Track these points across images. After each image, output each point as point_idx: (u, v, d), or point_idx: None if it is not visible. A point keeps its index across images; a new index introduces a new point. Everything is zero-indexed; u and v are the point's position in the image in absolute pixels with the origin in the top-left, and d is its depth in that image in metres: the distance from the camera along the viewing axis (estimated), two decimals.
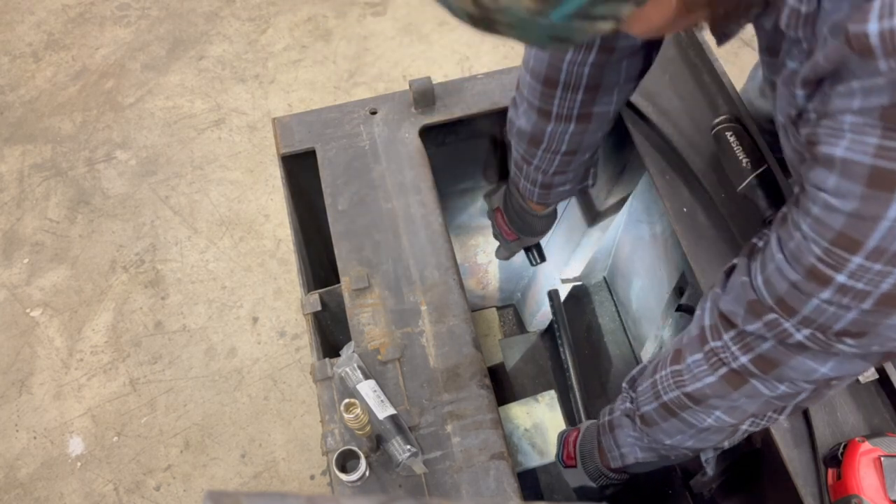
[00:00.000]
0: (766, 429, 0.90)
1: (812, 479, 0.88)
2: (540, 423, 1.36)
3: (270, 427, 1.91)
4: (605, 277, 1.70)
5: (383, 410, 0.94)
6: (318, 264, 1.25)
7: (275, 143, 1.23)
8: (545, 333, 1.70)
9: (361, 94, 2.51)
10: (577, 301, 1.70)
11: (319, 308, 1.07)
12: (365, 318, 1.05)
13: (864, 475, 0.83)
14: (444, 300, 1.06)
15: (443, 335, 1.04)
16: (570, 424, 1.40)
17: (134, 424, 1.93)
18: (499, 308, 1.89)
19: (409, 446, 0.91)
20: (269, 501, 0.36)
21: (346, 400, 0.88)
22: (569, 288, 1.71)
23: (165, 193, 2.32)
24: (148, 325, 2.08)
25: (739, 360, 0.77)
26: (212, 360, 2.01)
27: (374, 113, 1.25)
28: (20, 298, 2.14)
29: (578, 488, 1.13)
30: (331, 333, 1.14)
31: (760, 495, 1.07)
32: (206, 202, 2.30)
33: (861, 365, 0.74)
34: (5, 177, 2.38)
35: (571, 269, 1.67)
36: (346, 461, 0.90)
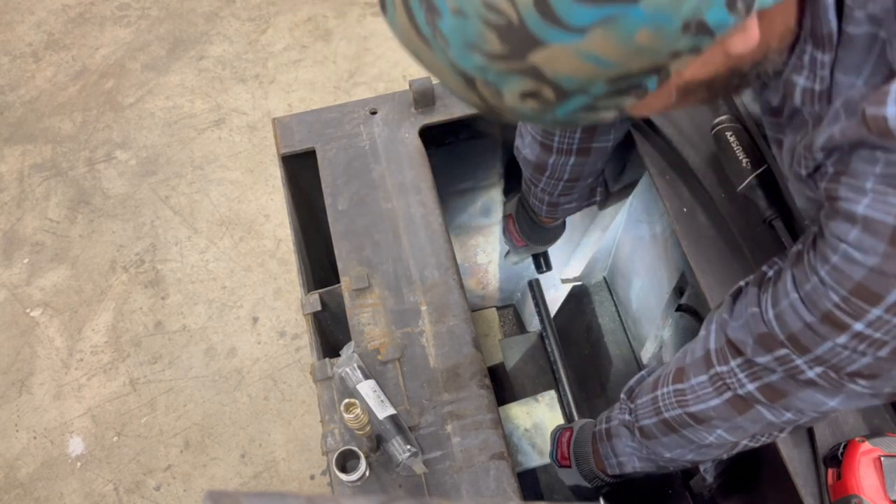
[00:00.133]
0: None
1: (812, 479, 0.88)
2: (540, 423, 1.36)
3: (270, 427, 1.91)
4: (605, 277, 1.70)
5: (383, 410, 0.94)
6: (318, 264, 1.25)
7: (275, 143, 1.23)
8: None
9: (361, 94, 2.51)
10: (577, 301, 1.70)
11: (319, 308, 1.06)
12: (365, 318, 1.05)
13: (864, 475, 0.82)
14: (444, 300, 1.06)
15: (443, 335, 1.04)
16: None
17: (134, 424, 1.93)
18: (499, 308, 1.88)
19: (409, 446, 0.91)
20: (269, 501, 0.36)
21: (346, 400, 0.88)
22: (569, 288, 1.71)
23: (165, 193, 2.32)
24: (148, 325, 2.08)
25: (746, 387, 0.76)
26: (212, 360, 2.01)
27: (374, 113, 1.25)
28: (20, 298, 2.14)
29: (574, 486, 1.13)
30: (331, 333, 1.14)
31: (760, 495, 1.07)
32: (206, 202, 2.30)
33: (871, 401, 0.73)
34: (5, 177, 2.38)
35: (571, 269, 1.67)
36: (346, 461, 0.90)
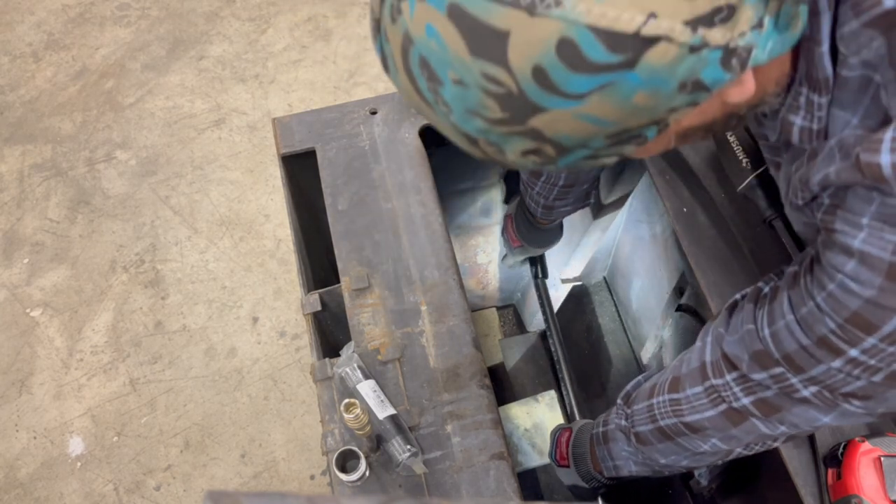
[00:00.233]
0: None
1: (812, 479, 0.88)
2: (540, 423, 1.36)
3: (270, 427, 1.91)
4: (605, 277, 1.70)
5: (383, 410, 0.94)
6: (318, 264, 1.25)
7: (275, 143, 1.23)
8: (545, 333, 1.69)
9: (361, 94, 2.51)
10: (577, 301, 1.70)
11: (319, 308, 1.06)
12: (365, 318, 1.05)
13: (864, 475, 0.82)
14: (444, 300, 1.06)
15: (443, 335, 1.03)
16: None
17: (134, 424, 1.93)
18: (499, 308, 1.88)
19: (409, 446, 0.91)
20: (269, 501, 0.36)
21: (346, 400, 0.88)
22: (569, 288, 1.71)
23: (165, 193, 2.32)
24: (148, 325, 2.08)
25: (741, 401, 0.77)
26: (212, 360, 2.01)
27: (374, 113, 1.25)
28: (20, 298, 2.14)
29: (572, 486, 1.14)
30: (331, 333, 1.14)
31: (760, 495, 1.07)
32: (206, 202, 2.30)
33: (865, 419, 0.74)
34: (5, 177, 2.38)
35: (571, 269, 1.67)
36: (346, 461, 0.90)
